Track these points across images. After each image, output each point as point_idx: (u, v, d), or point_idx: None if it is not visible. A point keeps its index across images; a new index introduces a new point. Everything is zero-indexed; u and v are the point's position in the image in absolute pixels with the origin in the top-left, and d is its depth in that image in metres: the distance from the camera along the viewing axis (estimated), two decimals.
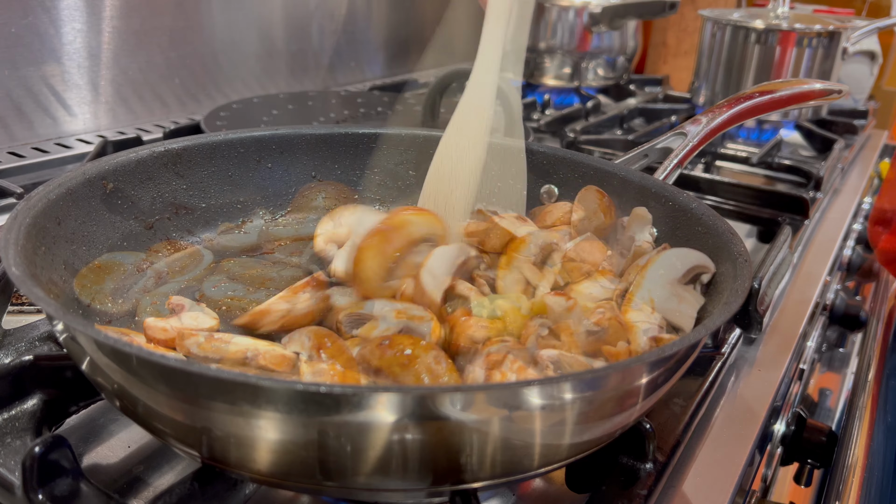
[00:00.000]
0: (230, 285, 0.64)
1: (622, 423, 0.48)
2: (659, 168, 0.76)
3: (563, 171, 0.81)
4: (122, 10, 1.21)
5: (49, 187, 0.60)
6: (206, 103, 1.39)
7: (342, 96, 1.42)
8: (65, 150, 1.12)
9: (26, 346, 0.61)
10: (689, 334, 0.46)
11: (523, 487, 0.55)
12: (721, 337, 0.73)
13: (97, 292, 0.59)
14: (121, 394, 0.45)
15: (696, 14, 1.83)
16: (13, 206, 0.59)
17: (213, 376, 0.39)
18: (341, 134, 0.86)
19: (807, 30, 1.47)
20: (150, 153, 0.72)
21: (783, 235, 0.90)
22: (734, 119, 0.80)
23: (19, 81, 1.11)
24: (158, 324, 0.57)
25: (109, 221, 0.67)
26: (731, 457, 0.59)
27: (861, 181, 1.40)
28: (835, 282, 1.12)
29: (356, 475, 0.41)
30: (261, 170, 0.82)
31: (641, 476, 0.52)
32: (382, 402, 0.37)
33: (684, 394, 0.63)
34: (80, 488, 0.46)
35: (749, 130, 1.56)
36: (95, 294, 0.58)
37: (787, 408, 0.75)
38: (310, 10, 1.57)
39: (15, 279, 0.46)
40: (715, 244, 0.61)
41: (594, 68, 1.75)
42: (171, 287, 0.65)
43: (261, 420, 0.39)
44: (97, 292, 0.59)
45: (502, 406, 0.39)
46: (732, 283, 0.54)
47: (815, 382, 1.06)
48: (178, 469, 0.54)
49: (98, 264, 0.61)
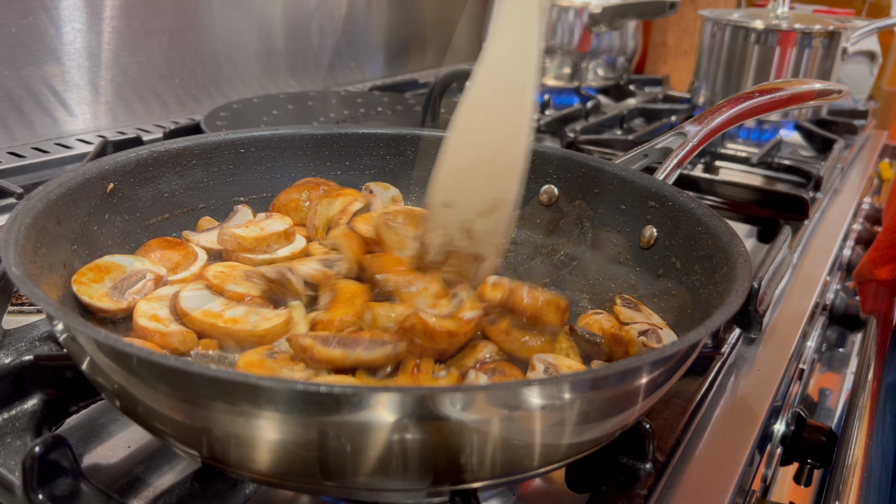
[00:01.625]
0: (206, 296, 0.62)
1: (622, 423, 0.48)
2: (659, 168, 0.76)
3: (563, 172, 0.81)
4: (122, 10, 1.21)
5: (49, 187, 0.60)
6: (206, 103, 1.39)
7: (342, 96, 1.42)
8: (65, 150, 1.12)
9: (26, 346, 0.61)
10: (689, 334, 0.46)
11: (523, 487, 0.55)
12: (721, 337, 0.73)
13: (96, 291, 0.59)
14: (121, 394, 0.45)
15: (696, 14, 1.83)
16: (13, 206, 0.59)
17: (213, 376, 0.39)
18: (341, 134, 0.86)
19: (807, 30, 1.47)
20: (150, 153, 0.72)
21: (783, 236, 0.90)
22: (734, 119, 0.80)
23: (19, 81, 1.11)
24: (150, 325, 0.57)
25: (109, 221, 0.67)
26: (730, 457, 0.59)
27: (861, 181, 1.40)
28: (834, 282, 1.12)
29: (356, 475, 0.41)
30: (261, 170, 0.82)
31: (641, 476, 0.52)
32: (382, 402, 0.37)
33: (684, 394, 0.63)
34: (80, 488, 0.46)
35: (749, 130, 1.56)
36: (93, 293, 0.58)
37: (786, 408, 0.75)
38: (310, 10, 1.57)
39: (15, 279, 0.46)
40: (715, 244, 0.61)
41: (594, 68, 1.75)
42: (170, 289, 0.65)
43: (261, 420, 0.39)
44: (96, 291, 0.59)
45: (502, 406, 0.39)
46: (732, 283, 0.54)
47: (814, 382, 1.06)
48: (178, 469, 0.54)
49: (98, 264, 0.61)
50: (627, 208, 0.75)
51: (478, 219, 0.61)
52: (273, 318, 0.58)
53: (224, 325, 0.57)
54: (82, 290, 0.58)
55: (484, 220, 0.61)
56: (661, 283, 0.68)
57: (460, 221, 0.63)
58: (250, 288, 0.63)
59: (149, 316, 0.58)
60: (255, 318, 0.58)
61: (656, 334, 0.60)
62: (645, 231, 0.72)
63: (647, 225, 0.72)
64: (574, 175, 0.80)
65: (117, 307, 0.59)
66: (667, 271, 0.68)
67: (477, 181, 0.61)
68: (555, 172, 0.82)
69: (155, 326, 0.57)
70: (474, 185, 0.61)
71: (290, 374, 0.52)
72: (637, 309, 0.65)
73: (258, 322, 0.58)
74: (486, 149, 0.61)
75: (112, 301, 0.59)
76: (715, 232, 0.62)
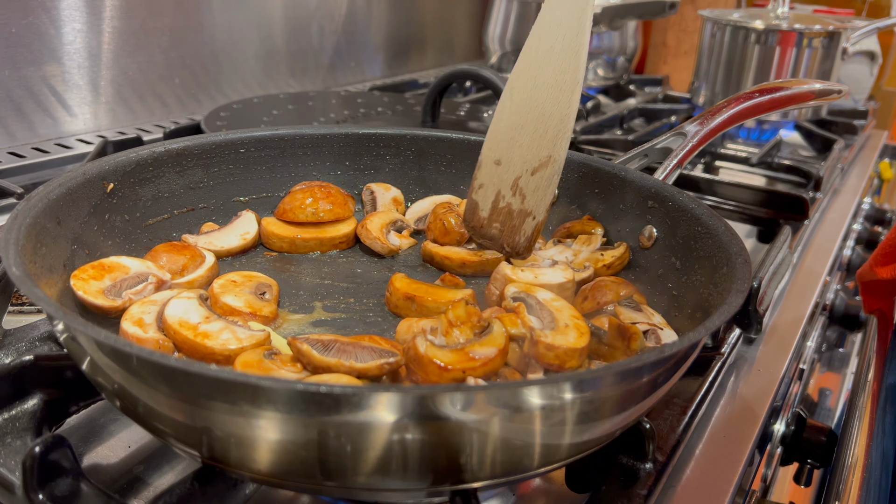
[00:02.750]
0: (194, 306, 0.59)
1: (622, 423, 0.48)
2: (659, 168, 0.76)
3: (563, 171, 0.81)
4: (122, 10, 1.21)
5: (49, 187, 0.60)
6: (206, 103, 1.39)
7: (342, 96, 1.42)
8: (65, 150, 1.12)
9: (26, 346, 0.61)
10: (689, 334, 0.46)
11: (523, 487, 0.55)
12: (721, 337, 0.73)
13: (93, 288, 0.59)
14: (121, 394, 0.45)
15: (696, 14, 1.83)
16: (13, 206, 0.59)
17: (213, 376, 0.39)
18: (341, 134, 0.86)
19: (807, 30, 1.47)
20: (150, 153, 0.72)
21: (783, 236, 0.90)
22: (734, 119, 0.80)
23: (19, 81, 1.11)
24: (129, 329, 0.56)
25: (109, 221, 0.67)
26: (730, 457, 0.59)
27: (861, 181, 1.40)
28: (834, 282, 1.12)
29: (356, 475, 0.41)
30: (261, 170, 0.82)
31: (641, 476, 0.52)
32: (382, 402, 0.37)
33: (684, 394, 0.63)
34: (80, 488, 0.46)
35: (749, 130, 1.56)
36: (89, 289, 0.58)
37: (786, 408, 0.75)
38: (310, 10, 1.57)
39: (15, 279, 0.46)
40: (715, 244, 0.61)
41: (594, 68, 1.75)
42: (169, 293, 0.64)
43: (261, 420, 0.39)
44: (93, 288, 0.59)
45: (502, 406, 0.39)
46: (732, 283, 0.54)
47: (815, 382, 1.06)
48: (178, 469, 0.54)
49: (102, 263, 0.61)
50: (627, 208, 0.75)
51: (528, 176, 0.63)
52: (245, 340, 0.55)
53: (193, 339, 0.55)
54: (79, 285, 0.58)
55: (534, 177, 0.62)
56: (661, 283, 0.68)
57: (511, 178, 0.64)
58: (250, 303, 0.62)
59: (134, 320, 0.57)
60: (228, 336, 0.55)
61: (656, 334, 0.60)
62: (645, 231, 0.72)
63: (647, 225, 0.72)
64: (574, 175, 0.80)
65: (111, 305, 0.58)
66: (667, 271, 0.68)
67: (528, 139, 0.63)
68: None
69: (134, 331, 0.56)
70: (525, 143, 0.63)
71: (288, 375, 0.51)
72: (638, 309, 0.65)
73: (228, 341, 0.55)
74: (537, 107, 0.62)
75: (107, 299, 0.59)
76: (715, 232, 0.62)
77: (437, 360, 0.50)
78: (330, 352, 0.52)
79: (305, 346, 0.51)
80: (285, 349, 0.55)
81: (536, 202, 0.65)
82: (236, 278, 0.65)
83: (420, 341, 0.51)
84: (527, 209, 0.66)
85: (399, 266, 0.76)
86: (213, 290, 0.63)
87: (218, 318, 0.58)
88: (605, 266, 0.71)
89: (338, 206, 0.78)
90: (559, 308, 0.60)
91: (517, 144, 0.64)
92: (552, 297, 0.62)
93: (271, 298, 0.65)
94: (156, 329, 0.57)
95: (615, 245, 0.74)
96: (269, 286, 0.66)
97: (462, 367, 0.50)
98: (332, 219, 0.78)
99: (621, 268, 0.73)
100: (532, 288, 0.63)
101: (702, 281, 0.62)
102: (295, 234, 0.76)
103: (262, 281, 0.66)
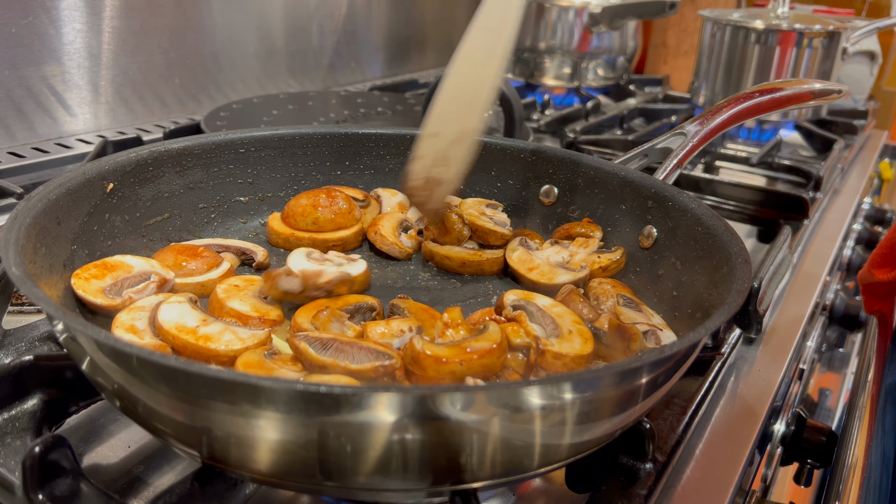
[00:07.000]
0: (186, 310, 0.59)
1: (622, 423, 0.48)
2: (659, 168, 0.76)
3: (563, 172, 0.81)
4: (122, 10, 1.21)
5: (49, 187, 0.60)
6: (206, 103, 1.39)
7: (342, 96, 1.42)
8: (65, 150, 1.12)
9: (26, 346, 0.61)
10: (689, 335, 0.46)
11: (523, 487, 0.55)
12: (721, 337, 0.73)
13: (93, 287, 0.59)
14: (121, 394, 0.45)
15: (696, 14, 1.83)
16: (13, 206, 0.59)
17: (213, 376, 0.39)
18: (341, 134, 0.86)
19: (807, 30, 1.47)
20: (150, 153, 0.72)
21: (783, 236, 0.90)
22: (734, 119, 0.80)
23: (19, 81, 1.11)
24: (124, 336, 0.55)
25: (109, 221, 0.67)
26: (730, 457, 0.59)
27: (861, 181, 1.40)
28: (834, 282, 1.12)
29: (356, 475, 0.41)
30: (261, 170, 0.82)
31: (641, 476, 0.52)
32: (382, 402, 0.37)
33: (684, 394, 0.63)
34: (80, 488, 0.46)
35: (749, 130, 1.56)
36: (89, 288, 0.58)
37: (786, 408, 0.75)
38: (310, 10, 1.57)
39: (15, 279, 0.46)
40: (715, 244, 0.61)
41: (594, 68, 1.75)
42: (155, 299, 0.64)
43: (261, 420, 0.39)
44: (93, 287, 0.59)
45: (502, 406, 0.39)
46: (732, 283, 0.54)
47: (815, 382, 1.06)
48: (178, 469, 0.54)
49: (105, 262, 0.61)
50: (627, 208, 0.75)
51: (454, 146, 0.70)
52: (247, 340, 0.56)
53: (195, 343, 0.55)
54: (79, 283, 0.58)
55: (456, 147, 0.69)
56: (661, 283, 0.68)
57: (442, 149, 0.71)
58: (257, 307, 0.61)
59: (126, 327, 0.56)
60: (230, 336, 0.56)
61: (656, 335, 0.60)
62: (645, 231, 0.72)
63: (647, 225, 0.72)
64: (574, 175, 0.80)
65: (110, 304, 0.58)
66: (667, 271, 0.68)
67: (456, 112, 0.70)
68: (555, 172, 0.82)
69: (130, 338, 0.55)
70: (453, 116, 0.70)
71: (288, 374, 0.51)
72: (638, 309, 0.65)
73: (231, 342, 0.55)
74: (467, 83, 0.70)
75: (106, 298, 0.58)
76: (715, 232, 0.62)
77: (434, 354, 0.50)
78: (327, 351, 0.52)
79: (303, 343, 0.51)
80: (285, 349, 0.55)
81: (457, 170, 0.70)
82: (239, 283, 0.64)
83: (416, 340, 0.52)
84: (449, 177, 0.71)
85: (403, 266, 0.76)
86: (217, 296, 0.62)
87: (215, 320, 0.58)
88: (601, 268, 0.71)
89: (340, 216, 0.78)
90: (560, 314, 0.60)
91: (450, 118, 0.70)
92: (551, 303, 0.62)
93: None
94: (151, 335, 0.56)
95: (612, 249, 0.74)
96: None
97: (459, 359, 0.50)
98: (332, 228, 0.78)
99: (617, 270, 0.73)
100: (530, 294, 0.63)
101: (702, 281, 0.62)
102: (290, 233, 0.77)
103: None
